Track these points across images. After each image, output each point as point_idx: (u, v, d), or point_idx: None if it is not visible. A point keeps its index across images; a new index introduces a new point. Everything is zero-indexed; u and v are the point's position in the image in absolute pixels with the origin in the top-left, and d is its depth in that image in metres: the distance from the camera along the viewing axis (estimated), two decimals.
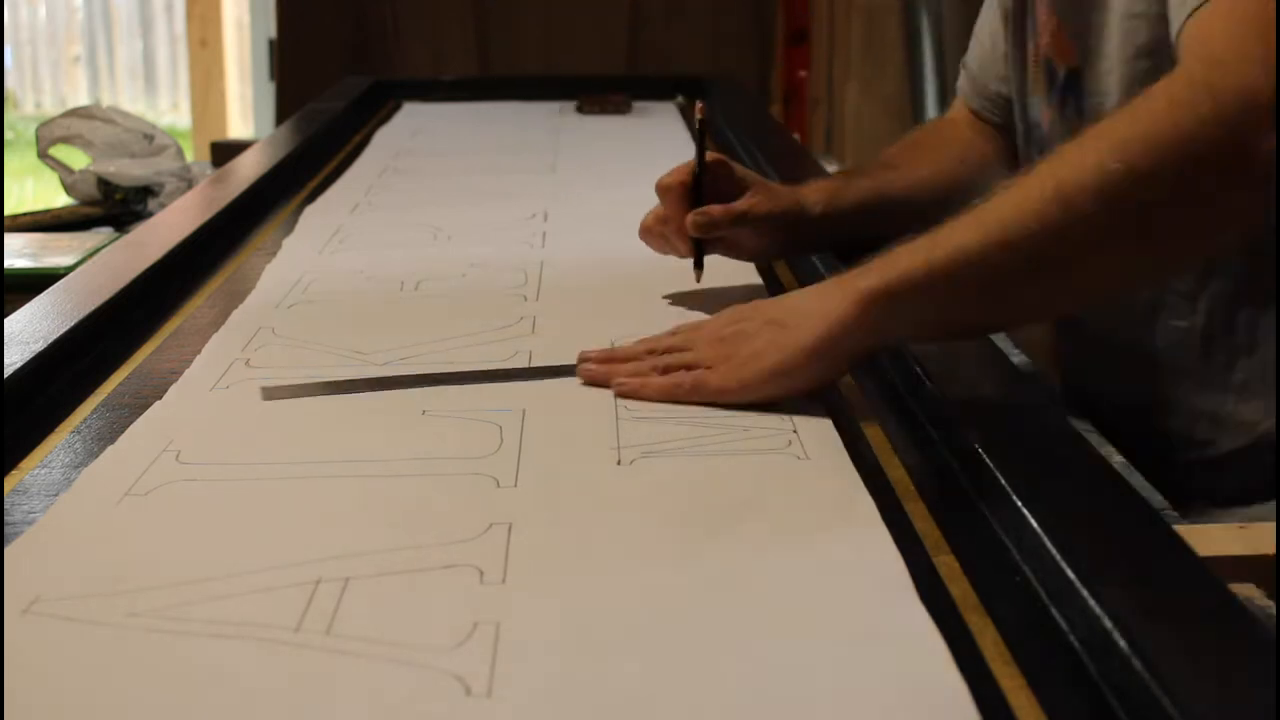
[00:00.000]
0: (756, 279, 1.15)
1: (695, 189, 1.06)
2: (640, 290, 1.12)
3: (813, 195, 1.10)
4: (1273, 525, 0.73)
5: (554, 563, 0.63)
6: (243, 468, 0.75)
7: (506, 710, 0.51)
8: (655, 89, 2.36)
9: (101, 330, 0.99)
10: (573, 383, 0.89)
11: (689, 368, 0.85)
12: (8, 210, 1.65)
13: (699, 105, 1.11)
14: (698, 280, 1.07)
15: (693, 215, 1.05)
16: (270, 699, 0.52)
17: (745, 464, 0.75)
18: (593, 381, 0.88)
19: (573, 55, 2.95)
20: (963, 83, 1.25)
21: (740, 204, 1.06)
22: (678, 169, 1.07)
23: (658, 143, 1.91)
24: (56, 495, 0.72)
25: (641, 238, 1.12)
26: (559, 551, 0.65)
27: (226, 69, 4.89)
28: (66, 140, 1.78)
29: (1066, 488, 0.67)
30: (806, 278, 1.17)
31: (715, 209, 1.05)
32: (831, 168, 1.72)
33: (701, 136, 1.07)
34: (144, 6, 6.57)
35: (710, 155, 1.07)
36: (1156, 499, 0.88)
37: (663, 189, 1.07)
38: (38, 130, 1.80)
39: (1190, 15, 0.81)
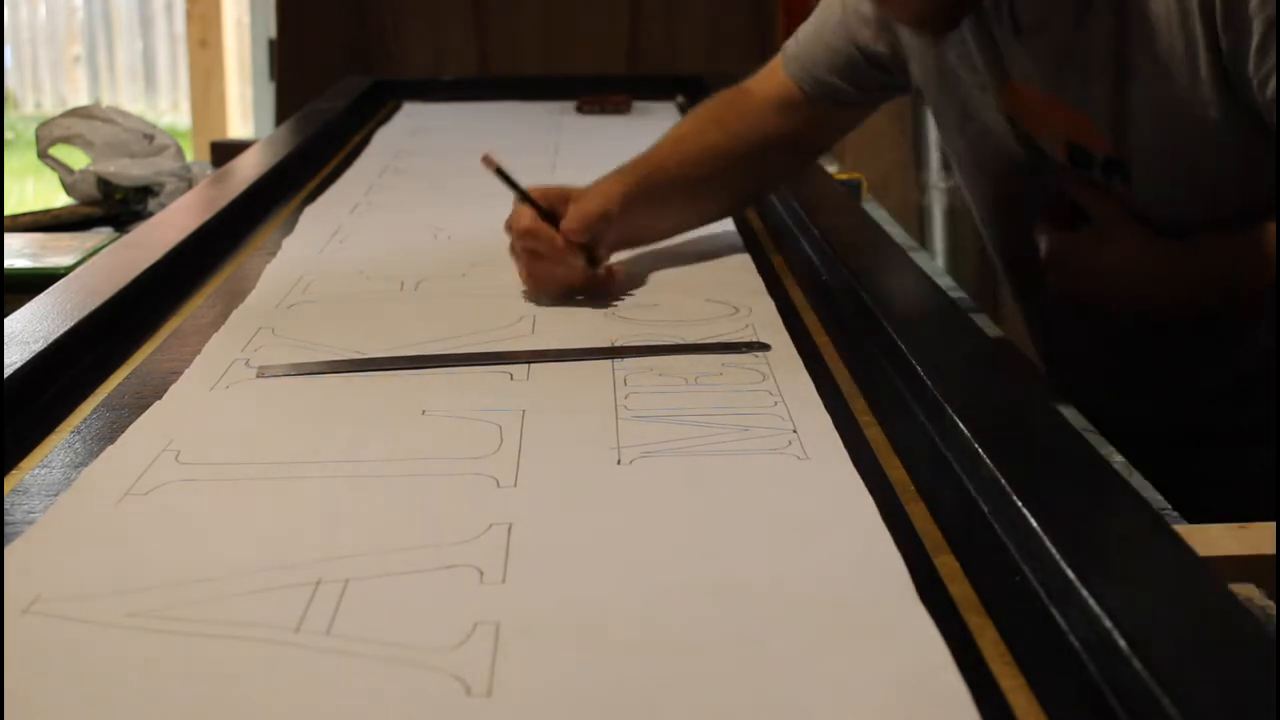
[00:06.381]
0: (752, 272, 1.15)
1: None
2: (640, 289, 1.13)
3: (607, 193, 1.16)
4: (1273, 525, 0.73)
5: (554, 563, 0.63)
6: (243, 468, 0.75)
7: (506, 710, 0.51)
8: (655, 89, 2.35)
9: (101, 330, 0.98)
10: (573, 383, 0.90)
11: None
12: (8, 210, 1.65)
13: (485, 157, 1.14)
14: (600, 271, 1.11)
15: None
16: (270, 699, 0.52)
17: (745, 464, 0.75)
18: None
19: (573, 55, 2.95)
20: (792, 66, 1.26)
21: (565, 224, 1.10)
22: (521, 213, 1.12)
23: None
24: (56, 495, 0.72)
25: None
26: (559, 551, 0.65)
27: (226, 69, 4.89)
28: (66, 140, 1.78)
29: (1066, 488, 0.67)
30: (800, 270, 1.17)
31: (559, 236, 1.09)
32: (831, 167, 1.72)
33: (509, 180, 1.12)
34: (144, 6, 6.57)
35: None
36: (1156, 499, 0.88)
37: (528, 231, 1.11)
38: (38, 130, 1.80)
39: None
